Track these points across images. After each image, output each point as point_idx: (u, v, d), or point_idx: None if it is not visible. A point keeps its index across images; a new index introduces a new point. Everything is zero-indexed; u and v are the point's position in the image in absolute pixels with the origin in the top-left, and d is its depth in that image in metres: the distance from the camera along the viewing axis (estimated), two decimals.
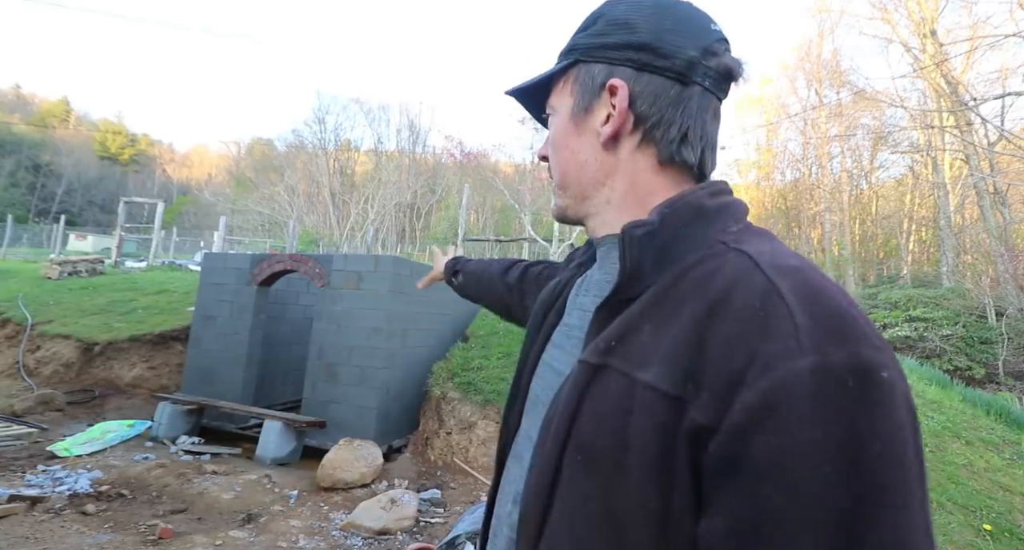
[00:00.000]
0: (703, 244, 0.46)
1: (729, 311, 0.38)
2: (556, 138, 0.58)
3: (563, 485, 0.43)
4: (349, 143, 38.29)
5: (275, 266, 5.27)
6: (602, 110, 0.54)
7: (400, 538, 3.19)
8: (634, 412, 0.39)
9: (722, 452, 0.34)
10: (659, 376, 0.39)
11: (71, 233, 25.17)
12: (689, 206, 0.49)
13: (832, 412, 0.32)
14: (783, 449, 0.32)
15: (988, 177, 12.76)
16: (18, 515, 3.09)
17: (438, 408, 4.81)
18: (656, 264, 0.46)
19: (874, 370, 0.33)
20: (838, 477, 0.31)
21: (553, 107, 0.60)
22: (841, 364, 0.33)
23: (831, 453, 0.31)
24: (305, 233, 25.75)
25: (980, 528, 3.38)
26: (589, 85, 0.55)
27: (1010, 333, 10.34)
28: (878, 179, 24.34)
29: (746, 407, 0.33)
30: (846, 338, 0.34)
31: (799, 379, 0.33)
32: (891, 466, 0.32)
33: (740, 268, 0.41)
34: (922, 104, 16.50)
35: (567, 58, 0.57)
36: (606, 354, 0.44)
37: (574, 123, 0.56)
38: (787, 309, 0.36)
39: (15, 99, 53.99)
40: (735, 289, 0.39)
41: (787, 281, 0.38)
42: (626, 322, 0.45)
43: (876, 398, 0.33)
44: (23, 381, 5.93)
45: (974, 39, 12.73)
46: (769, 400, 0.33)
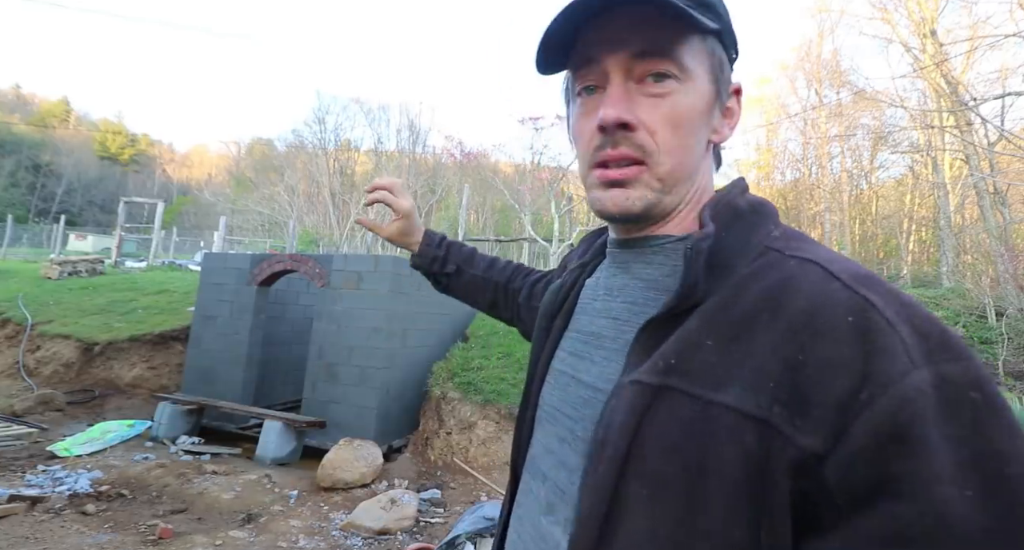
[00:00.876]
0: (749, 250, 0.44)
1: (821, 329, 0.35)
2: (688, 117, 0.47)
3: (627, 515, 0.39)
4: (349, 143, 38.27)
5: (275, 266, 5.27)
6: (720, 108, 0.51)
7: (400, 538, 3.18)
8: (713, 437, 0.36)
9: (849, 479, 0.32)
10: (741, 398, 0.36)
11: (71, 233, 25.17)
12: (728, 208, 0.47)
13: (969, 426, 0.30)
14: (924, 470, 0.30)
15: (988, 177, 12.76)
16: (18, 515, 3.09)
17: (438, 408, 4.81)
18: (708, 273, 0.42)
19: (989, 384, 0.32)
20: (987, 496, 0.29)
21: (688, 72, 0.46)
22: (960, 378, 0.32)
23: (976, 471, 0.29)
24: (305, 233, 25.75)
25: None
26: (725, 74, 0.50)
27: (1010, 333, 10.31)
28: (878, 179, 24.35)
29: (870, 429, 0.31)
30: (956, 352, 0.33)
31: (924, 395, 0.31)
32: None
33: (816, 280, 0.38)
34: (922, 104, 16.51)
35: (710, 17, 0.46)
36: (666, 374, 0.40)
37: (708, 109, 0.49)
38: (888, 324, 0.34)
39: (15, 99, 53.99)
40: (820, 305, 0.36)
41: (877, 293, 0.36)
42: (685, 338, 0.41)
43: (1003, 412, 0.31)
44: (23, 381, 5.93)
45: (974, 39, 12.74)
46: (897, 419, 0.31)
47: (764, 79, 31.13)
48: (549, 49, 0.48)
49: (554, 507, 0.49)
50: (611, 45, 0.46)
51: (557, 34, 0.47)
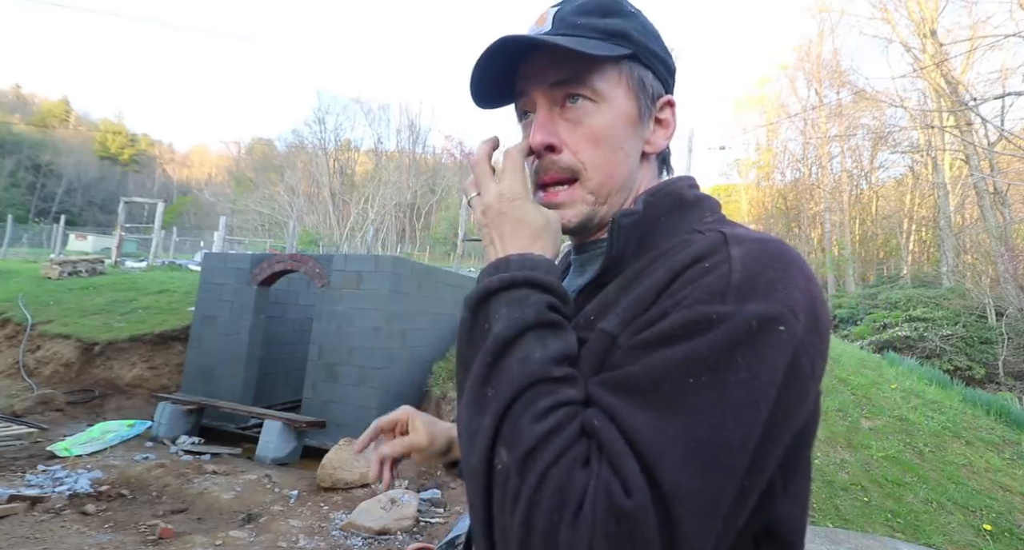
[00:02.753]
0: (680, 232, 0.50)
1: (684, 275, 0.42)
2: (608, 135, 0.52)
3: None
4: (349, 143, 38.31)
5: (275, 266, 5.27)
6: (651, 120, 0.56)
7: (400, 538, 3.18)
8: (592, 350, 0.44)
9: (621, 355, 0.42)
10: (613, 323, 0.44)
11: (71, 233, 25.17)
12: (671, 195, 0.53)
13: (720, 341, 0.37)
14: (666, 361, 0.38)
15: (988, 177, 12.77)
16: (18, 515, 3.09)
17: (438, 408, 4.81)
18: (638, 249, 0.50)
19: (773, 321, 0.38)
20: (695, 389, 0.37)
21: (601, 93, 0.52)
22: (750, 312, 0.38)
23: (700, 370, 0.37)
24: (305, 233, 25.76)
25: (980, 528, 3.38)
26: (647, 91, 0.54)
27: (1010, 333, 10.34)
28: (878, 179, 24.37)
29: (659, 327, 0.40)
30: (766, 297, 0.39)
31: (708, 320, 0.38)
32: (728, 393, 0.37)
33: (709, 242, 0.44)
34: (922, 104, 16.51)
35: (620, 44, 0.52)
36: (586, 329, 0.46)
37: (632, 125, 0.54)
38: (728, 269, 0.40)
39: (15, 99, 53.99)
40: (696, 258, 0.43)
41: (743, 248, 0.42)
42: (603, 300, 0.48)
43: (760, 340, 0.38)
44: (23, 381, 5.93)
45: (974, 39, 12.73)
46: (676, 323, 0.39)
47: (764, 79, 31.16)
48: (483, 87, 0.56)
49: None
50: (535, 79, 0.53)
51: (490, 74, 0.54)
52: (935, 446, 4.36)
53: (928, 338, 10.93)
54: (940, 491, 3.73)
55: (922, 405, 5.08)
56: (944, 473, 3.98)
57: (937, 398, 5.37)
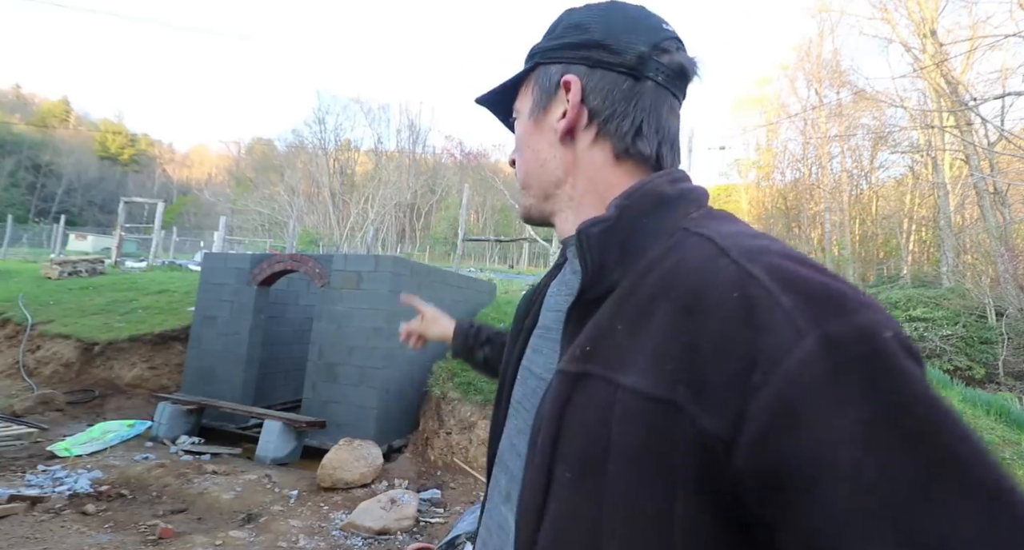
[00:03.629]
0: (665, 232, 0.45)
1: (708, 309, 0.35)
2: (520, 139, 0.60)
3: (555, 498, 0.41)
4: (349, 143, 38.30)
5: (275, 266, 5.27)
6: (559, 107, 0.55)
7: (400, 538, 3.19)
8: (622, 418, 0.37)
9: (754, 462, 0.31)
10: (644, 380, 0.36)
11: (71, 233, 25.18)
12: (648, 194, 0.48)
13: (857, 385, 0.29)
14: (824, 444, 0.29)
15: (988, 177, 12.76)
16: (18, 515, 3.09)
17: (438, 408, 4.81)
18: (620, 258, 0.45)
19: (876, 331, 0.31)
20: (899, 453, 0.28)
21: (518, 111, 0.61)
22: (846, 334, 0.31)
23: (876, 429, 0.28)
24: (305, 233, 25.76)
25: None
26: (546, 84, 0.56)
27: (1010, 333, 10.33)
28: (878, 179, 24.36)
29: (764, 410, 0.30)
30: (839, 308, 0.32)
31: (810, 363, 0.30)
32: (946, 425, 0.29)
33: (705, 256, 0.39)
34: (922, 104, 16.51)
35: (528, 63, 0.59)
36: (584, 361, 0.42)
37: (533, 122, 0.58)
38: (769, 294, 0.33)
39: (15, 99, 54.00)
40: (707, 281, 0.37)
41: (758, 263, 0.36)
42: (598, 325, 0.43)
43: (899, 362, 0.30)
44: (23, 381, 5.93)
45: (974, 39, 12.74)
46: (788, 396, 0.30)
47: (764, 79, 31.17)
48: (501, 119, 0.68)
49: (511, 495, 0.52)
50: None
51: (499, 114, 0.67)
52: None
53: (928, 338, 10.93)
54: None
55: None
56: None
57: None
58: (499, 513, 0.54)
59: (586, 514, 0.38)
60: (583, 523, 0.38)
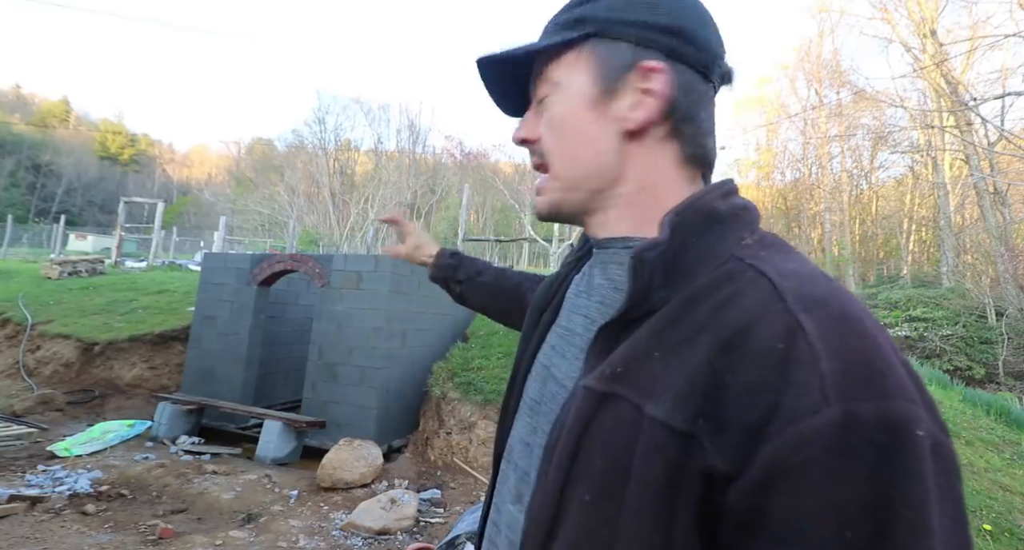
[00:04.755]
0: (716, 258, 0.43)
1: (749, 352, 0.35)
2: (564, 120, 0.51)
3: (568, 517, 0.40)
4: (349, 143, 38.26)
5: (275, 266, 5.27)
6: (628, 95, 0.49)
7: (400, 538, 3.18)
8: (644, 447, 0.37)
9: (742, 505, 0.32)
10: (670, 412, 0.36)
11: (71, 233, 25.18)
12: (700, 212, 0.45)
13: (858, 471, 0.29)
14: (802, 511, 0.30)
15: (988, 177, 12.77)
16: (18, 515, 3.09)
17: (438, 408, 4.81)
18: (665, 281, 0.42)
19: (907, 426, 0.30)
20: (860, 543, 0.28)
21: (557, 82, 0.51)
22: (870, 418, 0.30)
23: (855, 518, 0.29)
24: (305, 233, 25.76)
25: (980, 528, 3.38)
26: (612, 64, 0.49)
27: (1010, 333, 10.33)
28: (878, 179, 24.37)
29: (766, 462, 0.31)
30: (878, 388, 0.31)
31: (821, 435, 0.30)
32: (923, 538, 0.29)
33: (761, 299, 0.37)
34: (922, 104, 16.51)
35: (575, 29, 0.50)
36: (613, 381, 0.41)
37: (592, 105, 0.50)
38: (811, 355, 0.33)
39: (15, 99, 54.01)
40: (756, 325, 0.36)
41: (813, 318, 0.35)
42: (634, 347, 0.41)
43: (914, 459, 0.30)
44: (23, 381, 5.93)
45: (974, 39, 12.74)
46: (788, 458, 0.30)
47: (764, 79, 31.16)
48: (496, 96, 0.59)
49: (522, 496, 0.51)
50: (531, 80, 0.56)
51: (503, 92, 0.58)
52: None
53: (928, 338, 10.93)
54: None
55: None
56: None
57: (937, 398, 5.35)
58: (509, 512, 0.53)
59: (600, 538, 0.38)
60: (597, 546, 0.38)
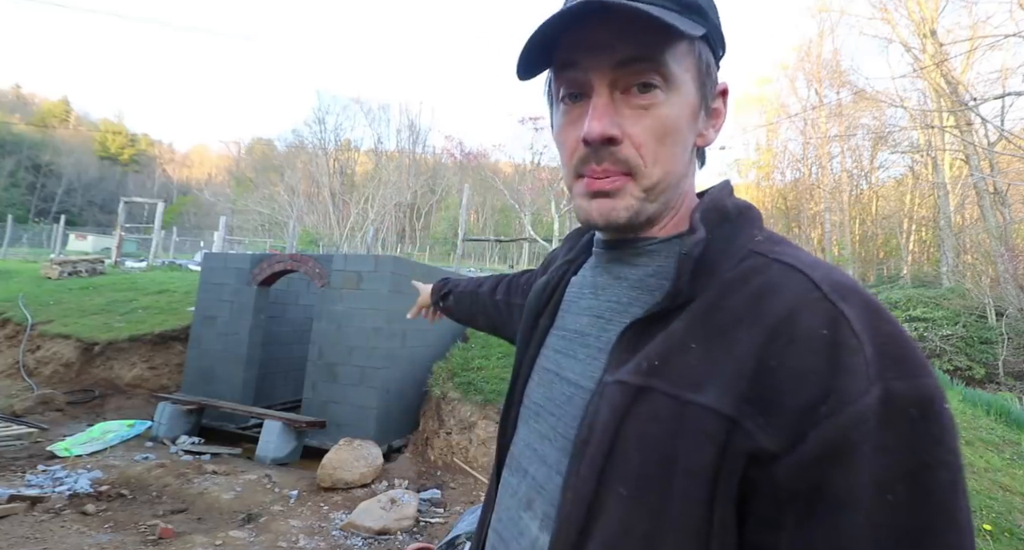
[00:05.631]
0: (734, 252, 0.44)
1: (796, 339, 0.37)
2: (674, 128, 0.46)
3: (604, 514, 0.40)
4: (349, 143, 38.30)
5: (275, 266, 5.27)
6: (708, 110, 0.50)
7: (400, 538, 3.18)
8: (689, 435, 0.38)
9: (796, 481, 0.34)
10: (718, 398, 0.37)
11: (71, 233, 25.18)
12: (716, 209, 0.47)
13: (901, 442, 0.33)
14: (857, 482, 0.33)
15: (988, 177, 12.77)
16: (18, 515, 3.09)
17: (438, 408, 4.81)
18: (693, 275, 0.43)
19: (933, 400, 0.34)
20: (911, 503, 0.32)
21: (673, 80, 0.45)
22: (904, 394, 0.34)
23: (905, 482, 0.32)
24: (305, 233, 25.77)
25: (980, 528, 3.38)
26: (711, 77, 0.49)
27: (1010, 333, 10.33)
28: (878, 179, 24.37)
29: (824, 440, 0.34)
30: (907, 368, 0.35)
31: (872, 412, 0.33)
32: (956, 493, 0.33)
33: (797, 286, 0.39)
34: (922, 104, 16.51)
35: (696, 21, 0.45)
36: (650, 375, 0.41)
37: (694, 116, 0.48)
38: (857, 340, 0.36)
39: (15, 99, 54.00)
40: (799, 311, 0.38)
41: (851, 306, 0.37)
42: (669, 340, 0.42)
43: (939, 428, 0.34)
44: (23, 381, 5.93)
45: (974, 39, 12.73)
46: (848, 435, 0.33)
47: (764, 79, 31.16)
48: (532, 52, 0.46)
49: (532, 503, 0.50)
50: (595, 51, 0.44)
51: (542, 36, 0.44)
52: None
53: (928, 338, 10.93)
54: None
55: None
56: None
57: None
58: (519, 520, 0.51)
59: (641, 531, 0.38)
60: (637, 540, 0.38)
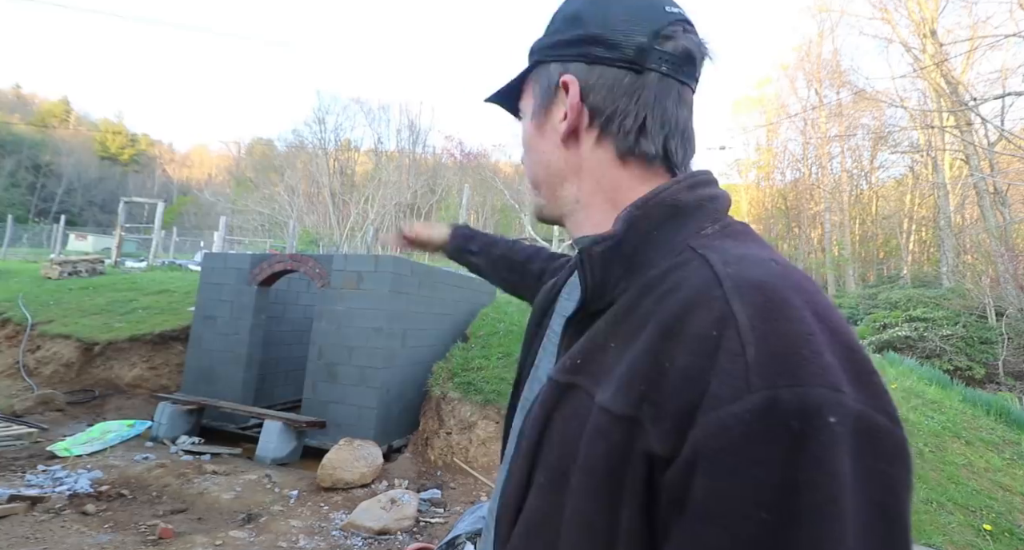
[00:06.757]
0: (673, 248, 0.44)
1: (686, 339, 0.36)
2: (525, 140, 0.60)
3: (529, 501, 0.43)
4: (349, 143, 38.28)
5: (275, 266, 5.27)
6: (560, 108, 0.53)
7: (400, 538, 3.18)
8: (592, 433, 0.38)
9: (672, 485, 0.33)
10: (612, 397, 0.38)
11: (71, 233, 25.18)
12: (662, 203, 0.46)
13: (772, 456, 0.30)
14: (720, 492, 0.31)
15: (988, 177, 12.77)
16: (18, 515, 3.09)
17: (438, 408, 4.81)
18: (626, 273, 0.44)
19: (820, 411, 0.30)
20: (775, 523, 0.29)
21: (522, 111, 0.61)
22: (788, 405, 0.30)
23: (768, 501, 0.29)
24: (305, 233, 25.77)
25: (980, 528, 3.38)
26: (546, 85, 0.55)
27: (1010, 333, 10.34)
28: (878, 179, 24.38)
29: (693, 445, 0.32)
30: (796, 374, 0.31)
31: (740, 421, 0.31)
32: (827, 519, 0.29)
33: (700, 284, 0.38)
34: (922, 104, 16.51)
35: (529, 61, 0.58)
36: (573, 372, 0.43)
37: (536, 124, 0.57)
38: (740, 343, 0.33)
39: (15, 99, 53.99)
40: (693, 310, 0.37)
41: (746, 305, 0.35)
42: (592, 339, 0.44)
43: (820, 444, 0.30)
44: (23, 381, 5.93)
45: (974, 39, 12.74)
46: (711, 442, 0.31)
47: (764, 79, 31.16)
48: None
49: None
50: None
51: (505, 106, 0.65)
52: (935, 446, 4.36)
53: (928, 338, 10.93)
54: (940, 491, 3.73)
55: (922, 405, 5.08)
56: (944, 473, 3.98)
57: (937, 398, 5.37)
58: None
59: (550, 522, 0.40)
60: (548, 529, 0.40)
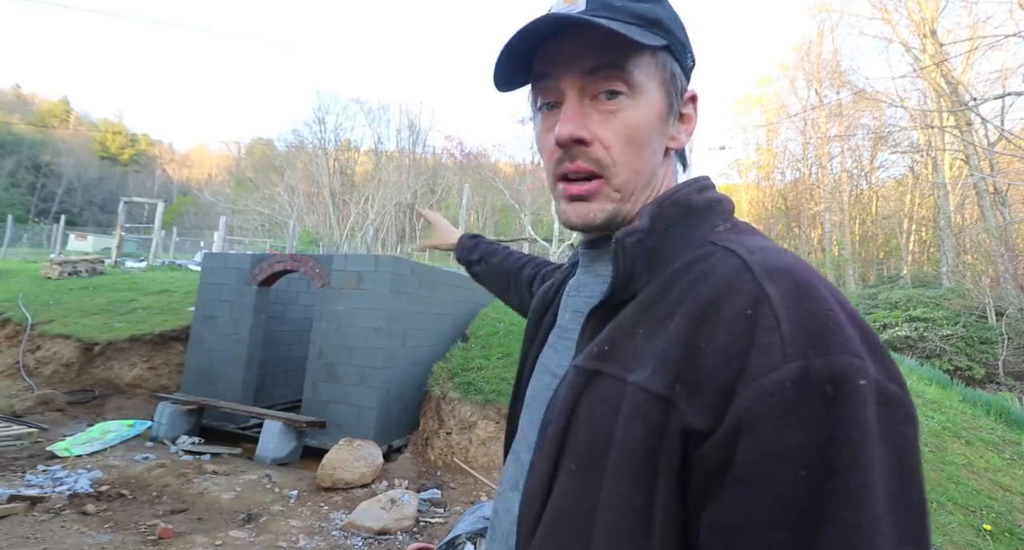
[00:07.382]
0: (692, 244, 0.47)
1: (721, 319, 0.38)
2: (641, 130, 0.50)
3: (558, 488, 0.44)
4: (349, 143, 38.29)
5: (275, 266, 5.27)
6: (676, 116, 0.54)
7: (400, 538, 3.18)
8: (627, 413, 0.40)
9: (713, 455, 0.36)
10: (650, 378, 0.40)
11: (71, 233, 25.17)
12: (677, 204, 0.50)
13: (808, 420, 0.33)
14: (764, 454, 0.33)
15: (988, 177, 12.77)
16: (18, 515, 3.09)
17: (438, 408, 4.81)
18: (647, 266, 0.47)
19: (850, 377, 0.34)
20: (812, 479, 0.32)
21: (637, 86, 0.49)
22: (819, 372, 0.34)
23: (807, 459, 0.32)
24: (305, 233, 25.78)
25: (980, 528, 3.38)
26: (678, 86, 0.52)
27: (1010, 333, 10.34)
28: (878, 179, 24.37)
29: (736, 413, 0.35)
30: (826, 345, 0.35)
31: (781, 388, 0.34)
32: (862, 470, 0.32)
33: (730, 271, 0.41)
34: (922, 104, 16.51)
35: (657, 33, 0.49)
36: (600, 359, 0.44)
37: (662, 122, 0.51)
38: (775, 319, 0.36)
39: (15, 99, 53.98)
40: (726, 295, 0.39)
41: (777, 286, 0.38)
42: (619, 327, 0.45)
43: (852, 404, 0.33)
44: (23, 381, 5.93)
45: (974, 39, 12.74)
46: (754, 409, 0.34)
47: (764, 79, 31.16)
48: (507, 67, 0.51)
49: (519, 483, 0.54)
50: (565, 64, 0.49)
51: (514, 53, 0.50)
52: (935, 446, 4.36)
53: (928, 338, 10.93)
54: (940, 491, 3.73)
55: (922, 405, 5.08)
56: (944, 473, 3.98)
57: (937, 398, 5.37)
58: (508, 499, 0.56)
59: (583, 506, 0.41)
60: (579, 514, 0.41)
